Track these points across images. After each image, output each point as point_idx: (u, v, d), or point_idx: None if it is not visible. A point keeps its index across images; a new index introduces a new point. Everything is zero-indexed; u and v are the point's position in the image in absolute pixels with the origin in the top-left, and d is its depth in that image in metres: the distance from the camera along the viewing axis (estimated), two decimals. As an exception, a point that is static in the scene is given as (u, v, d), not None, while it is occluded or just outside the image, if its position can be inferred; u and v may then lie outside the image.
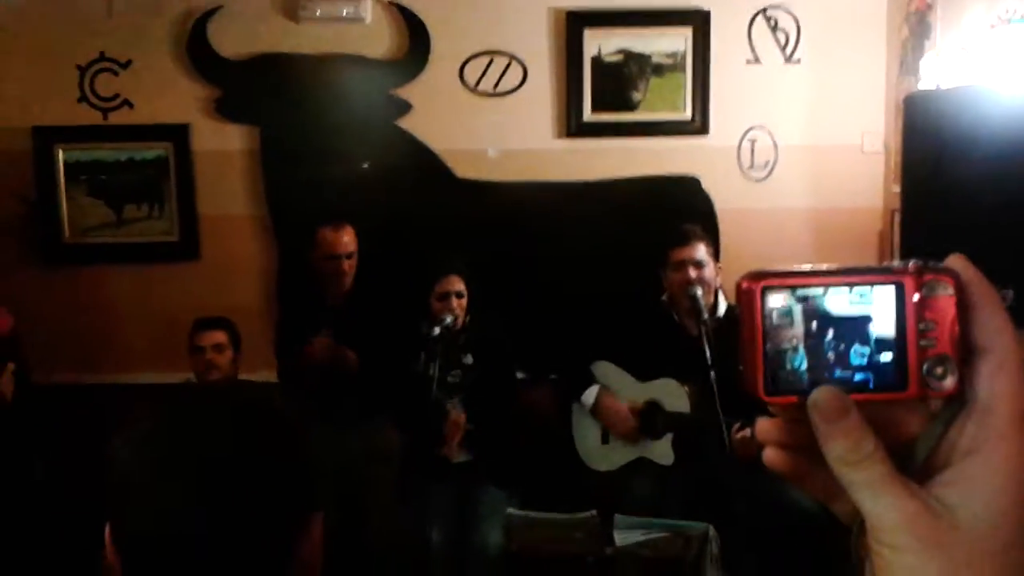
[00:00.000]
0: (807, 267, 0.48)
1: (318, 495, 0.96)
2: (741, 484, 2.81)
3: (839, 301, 0.47)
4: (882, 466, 0.45)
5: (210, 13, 3.94)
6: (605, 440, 3.39)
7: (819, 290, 0.47)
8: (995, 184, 2.49)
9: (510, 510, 2.77)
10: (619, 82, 3.99)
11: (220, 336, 3.43)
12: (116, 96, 4.02)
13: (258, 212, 4.05)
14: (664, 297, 3.39)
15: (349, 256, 3.56)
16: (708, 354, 2.97)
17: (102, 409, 2.56)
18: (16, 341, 3.45)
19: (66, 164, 3.99)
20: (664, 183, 4.00)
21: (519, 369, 3.74)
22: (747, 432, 2.95)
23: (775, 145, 4.01)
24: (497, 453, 3.41)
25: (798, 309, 0.47)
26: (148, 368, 3.91)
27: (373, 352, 3.47)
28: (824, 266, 0.48)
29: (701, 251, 3.30)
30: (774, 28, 3.98)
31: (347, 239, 3.56)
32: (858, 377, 0.47)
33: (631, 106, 4.01)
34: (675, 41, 3.97)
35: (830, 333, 0.47)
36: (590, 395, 3.35)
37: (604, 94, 4.00)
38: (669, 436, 3.24)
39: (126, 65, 4.01)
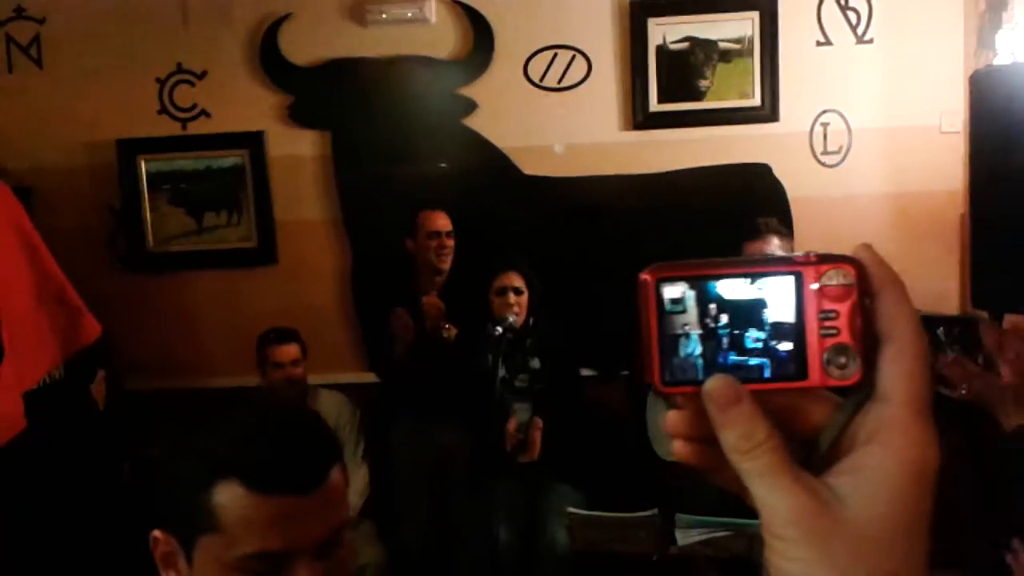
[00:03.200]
0: (710, 260, 0.48)
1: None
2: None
3: (742, 291, 0.47)
4: (773, 455, 0.44)
5: (280, 21, 4.03)
6: None
7: (721, 280, 0.47)
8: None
9: (571, 509, 2.78)
10: (685, 71, 3.94)
11: (295, 350, 3.51)
12: (194, 106, 4.14)
13: (332, 216, 4.13)
14: None
15: (449, 235, 3.66)
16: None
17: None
18: (106, 348, 3.59)
19: (148, 174, 4.13)
20: (734, 172, 3.93)
21: (589, 367, 3.74)
22: None
23: (849, 129, 3.91)
24: (567, 453, 3.43)
25: (691, 296, 0.47)
26: (231, 372, 4.01)
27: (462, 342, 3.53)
28: (725, 259, 0.48)
29: (774, 245, 3.25)
30: (844, 7, 3.87)
31: (445, 220, 3.67)
32: (754, 362, 0.47)
33: (698, 95, 3.95)
34: (742, 26, 3.90)
35: (732, 322, 0.47)
36: None
37: (670, 84, 3.95)
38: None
39: (202, 76, 4.13)
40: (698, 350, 0.47)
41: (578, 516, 2.75)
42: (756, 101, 3.92)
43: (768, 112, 3.91)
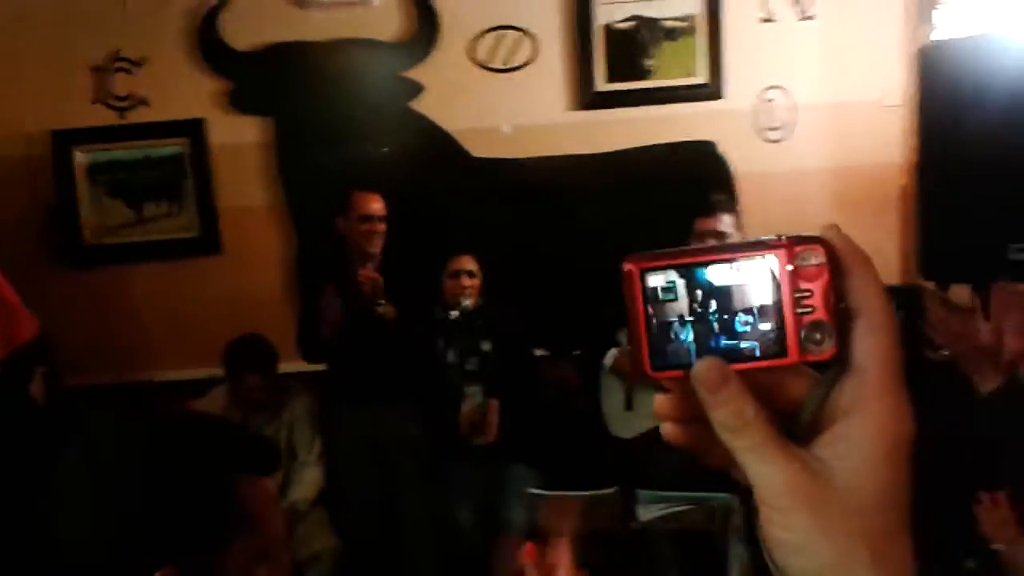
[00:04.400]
0: (685, 247, 0.49)
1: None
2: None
3: (720, 275, 0.49)
4: (763, 431, 0.47)
5: (219, 6, 3.93)
6: (629, 406, 3.40)
7: (700, 266, 0.49)
8: (1015, 134, 2.43)
9: (532, 489, 2.78)
10: (631, 50, 3.94)
11: (266, 377, 3.52)
12: (131, 95, 4.03)
13: (276, 203, 4.05)
14: None
15: (381, 220, 3.56)
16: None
17: (135, 407, 2.58)
18: (45, 345, 3.49)
19: (85, 165, 4.01)
20: (680, 149, 3.95)
21: (541, 347, 3.73)
22: None
23: (792, 105, 3.94)
24: (522, 434, 3.42)
25: (681, 284, 0.49)
26: (177, 365, 3.96)
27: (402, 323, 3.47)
28: (699, 245, 0.51)
29: (724, 223, 3.27)
30: (787, -16, 3.90)
31: (378, 204, 3.57)
32: (744, 345, 0.48)
33: (644, 74, 3.96)
34: (686, 3, 3.91)
35: (713, 306, 0.49)
36: (609, 356, 3.39)
37: (616, 63, 3.95)
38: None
39: (139, 63, 4.02)
40: (691, 336, 0.49)
41: (538, 496, 2.74)
42: (701, 79, 3.94)
43: (713, 90, 3.93)
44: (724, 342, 0.49)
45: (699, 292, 0.49)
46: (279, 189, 4.04)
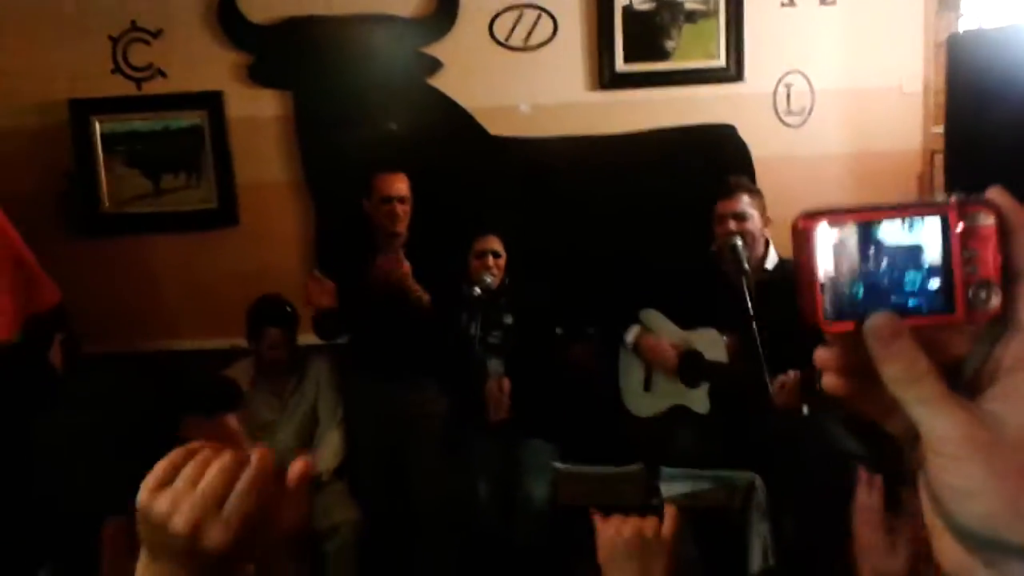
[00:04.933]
0: (860, 205, 0.51)
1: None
2: (781, 432, 2.82)
3: (892, 233, 0.50)
4: (936, 384, 0.48)
5: (237, -23, 3.92)
6: (647, 387, 3.42)
7: (873, 224, 0.51)
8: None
9: (557, 464, 2.80)
10: (651, 31, 3.94)
11: (286, 334, 3.58)
12: (149, 66, 4.03)
13: (294, 177, 4.06)
14: (713, 248, 3.38)
15: (403, 200, 3.54)
16: (749, 305, 2.96)
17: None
18: (63, 312, 3.50)
19: (103, 135, 4.01)
20: (699, 132, 3.95)
21: (558, 326, 3.75)
22: (789, 376, 2.92)
23: (812, 89, 3.94)
24: (541, 410, 3.44)
25: (853, 241, 0.51)
26: (192, 335, 3.99)
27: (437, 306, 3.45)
28: (874, 204, 0.51)
29: (744, 203, 3.28)
30: (808, -32, 3.90)
31: (401, 185, 3.54)
32: (911, 302, 0.51)
33: (664, 55, 3.96)
34: (707, -14, 3.90)
35: (884, 262, 0.51)
36: (631, 333, 3.40)
37: (636, 44, 3.95)
38: (706, 385, 3.25)
39: (157, 34, 4.01)
40: (862, 292, 0.51)
41: (564, 471, 2.77)
42: (721, 62, 3.94)
43: (733, 73, 3.94)
44: (894, 298, 0.51)
45: (871, 248, 0.51)
46: (298, 164, 4.04)
